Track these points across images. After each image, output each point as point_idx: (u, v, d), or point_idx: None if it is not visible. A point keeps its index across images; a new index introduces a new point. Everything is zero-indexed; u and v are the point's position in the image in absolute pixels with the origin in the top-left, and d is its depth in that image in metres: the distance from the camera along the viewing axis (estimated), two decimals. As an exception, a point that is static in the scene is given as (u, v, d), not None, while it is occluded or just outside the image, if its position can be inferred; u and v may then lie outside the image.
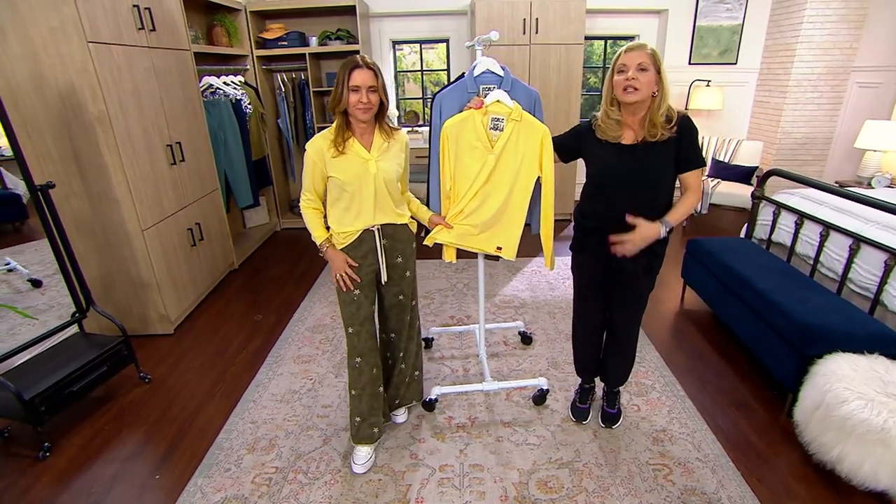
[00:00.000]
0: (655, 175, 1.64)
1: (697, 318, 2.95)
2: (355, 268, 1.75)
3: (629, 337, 1.92)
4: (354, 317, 1.79)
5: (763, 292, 2.29)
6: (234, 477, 1.87)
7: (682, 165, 1.65)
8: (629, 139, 1.64)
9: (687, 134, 1.60)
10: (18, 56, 2.31)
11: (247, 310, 3.22)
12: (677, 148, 1.61)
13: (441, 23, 4.82)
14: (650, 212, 1.64)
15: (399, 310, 1.93)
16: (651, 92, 1.56)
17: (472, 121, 1.82)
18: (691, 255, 3.00)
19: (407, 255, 1.86)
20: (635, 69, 1.54)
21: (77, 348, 2.31)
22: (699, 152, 1.66)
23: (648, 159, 1.61)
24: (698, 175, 1.67)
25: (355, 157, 1.66)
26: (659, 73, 1.55)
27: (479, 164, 1.85)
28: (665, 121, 1.58)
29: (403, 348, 2.01)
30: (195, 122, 3.27)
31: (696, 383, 2.34)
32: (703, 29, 4.61)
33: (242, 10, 4.10)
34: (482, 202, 1.88)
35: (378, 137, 1.70)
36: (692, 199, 1.68)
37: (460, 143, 1.85)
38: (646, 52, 1.54)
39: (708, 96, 4.53)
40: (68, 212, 2.60)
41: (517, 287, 3.42)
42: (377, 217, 1.73)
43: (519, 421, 2.11)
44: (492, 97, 1.78)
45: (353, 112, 1.60)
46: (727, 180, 4.33)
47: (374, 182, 1.67)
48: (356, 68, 1.56)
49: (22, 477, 1.93)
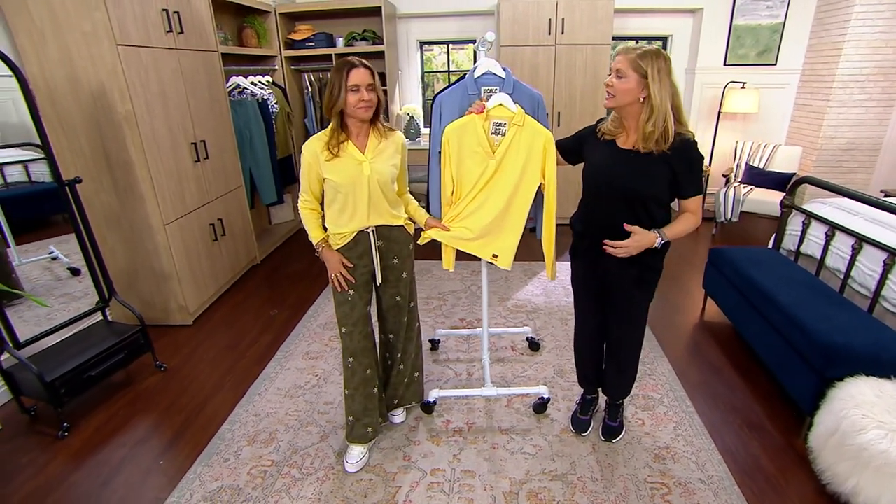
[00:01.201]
0: (646, 185, 1.55)
1: (717, 332, 2.82)
2: (350, 268, 1.76)
3: (627, 349, 1.85)
4: (348, 317, 1.80)
5: (784, 306, 2.16)
6: (232, 467, 1.92)
7: (678, 191, 1.58)
8: (626, 143, 1.58)
9: (684, 159, 1.50)
10: (56, 59, 2.45)
11: (263, 304, 3.30)
12: (672, 171, 1.52)
13: (468, 23, 4.80)
14: (644, 224, 1.58)
15: (396, 311, 1.94)
16: (631, 99, 1.48)
17: (474, 125, 1.80)
18: (713, 264, 2.87)
19: (403, 256, 1.86)
20: (613, 74, 1.49)
21: (99, 335, 2.43)
22: (697, 180, 1.56)
23: (640, 167, 1.54)
24: (697, 201, 1.59)
25: (349, 158, 1.66)
26: (646, 80, 1.44)
27: (480, 169, 1.83)
28: (659, 135, 1.47)
29: (402, 349, 2.01)
30: (221, 121, 3.38)
31: (707, 399, 2.24)
32: (740, 28, 4.40)
33: (272, 11, 4.21)
34: (479, 207, 1.86)
35: (373, 138, 1.71)
36: (692, 220, 1.60)
37: (462, 147, 1.83)
38: (626, 58, 1.46)
39: (743, 99, 4.32)
40: (98, 206, 2.75)
41: (532, 291, 3.37)
42: (371, 218, 1.74)
43: (517, 429, 2.07)
44: (494, 101, 1.75)
45: (354, 112, 1.61)
46: (761, 187, 4.12)
47: (368, 183, 1.67)
48: (353, 68, 1.57)
49: (42, 454, 2.05)
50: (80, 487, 1.86)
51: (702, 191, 1.58)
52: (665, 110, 1.44)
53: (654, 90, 1.44)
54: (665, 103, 1.44)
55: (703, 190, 1.58)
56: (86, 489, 1.85)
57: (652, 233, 1.56)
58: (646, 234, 1.55)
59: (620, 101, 1.50)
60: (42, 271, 2.97)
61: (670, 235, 1.58)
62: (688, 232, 1.61)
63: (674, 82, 1.47)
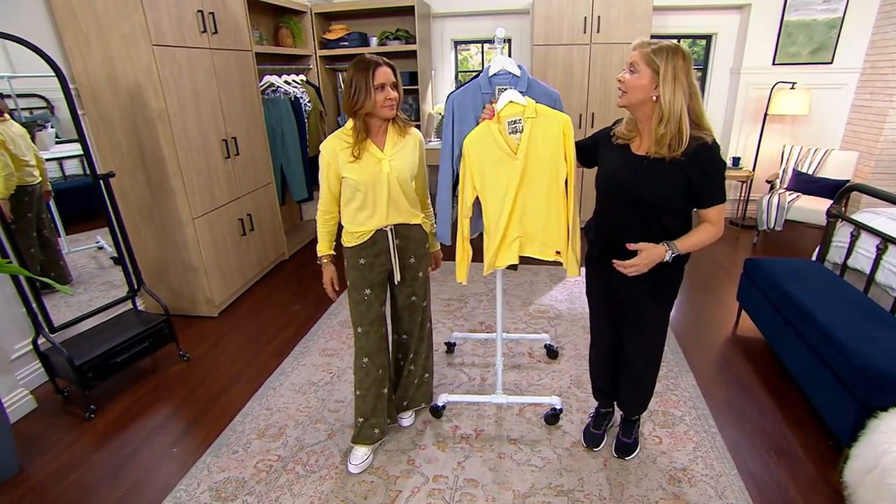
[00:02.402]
0: (659, 194, 1.45)
1: (749, 348, 2.65)
2: (365, 266, 1.76)
3: (641, 364, 1.75)
4: (364, 317, 1.79)
5: (823, 326, 1.99)
6: (240, 460, 1.95)
7: (695, 200, 1.46)
8: (640, 148, 1.49)
9: (701, 166, 1.38)
10: (99, 60, 2.58)
11: (288, 299, 3.37)
12: (688, 178, 1.40)
13: (503, 22, 4.72)
14: (657, 234, 1.49)
15: (411, 311, 1.92)
16: (644, 97, 1.39)
17: (489, 132, 1.73)
18: (748, 275, 2.70)
19: (420, 255, 1.85)
20: (627, 68, 1.40)
21: (127, 323, 2.54)
22: (717, 188, 1.44)
23: (653, 175, 1.43)
24: (717, 211, 1.46)
25: (370, 157, 1.64)
26: (658, 76, 1.34)
27: (508, 175, 1.74)
28: (671, 139, 1.36)
29: (414, 349, 1.99)
30: (253, 119, 3.47)
31: (733, 420, 2.10)
32: (792, 24, 4.13)
33: (308, 11, 4.29)
34: (524, 210, 1.77)
35: (392, 135, 1.69)
36: (710, 231, 1.48)
37: (483, 158, 1.75)
38: (642, 52, 1.37)
39: (792, 100, 4.04)
40: (133, 199, 2.87)
41: (556, 297, 3.28)
42: (391, 217, 1.72)
43: (526, 439, 2.01)
44: (503, 101, 1.69)
45: (380, 111, 1.59)
46: (809, 194, 3.85)
47: (388, 182, 1.66)
48: (378, 67, 1.54)
49: (69, 433, 2.16)
50: (98, 469, 1.94)
51: (722, 200, 1.45)
52: (678, 112, 1.34)
53: (666, 90, 1.34)
54: (678, 105, 1.33)
55: (723, 199, 1.46)
56: (103, 471, 1.93)
57: (661, 246, 1.45)
58: (654, 249, 1.45)
59: (632, 98, 1.41)
60: (88, 260, 3.13)
61: (683, 248, 1.47)
62: (705, 244, 1.49)
63: (692, 82, 1.36)
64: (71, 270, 2.83)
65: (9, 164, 2.23)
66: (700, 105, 1.40)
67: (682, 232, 1.51)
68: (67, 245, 2.85)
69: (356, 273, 1.77)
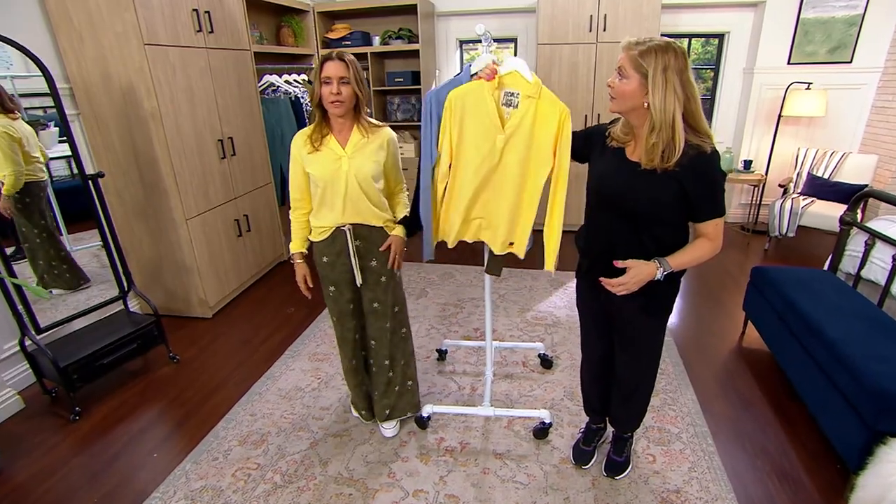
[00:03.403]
0: (650, 205, 1.34)
1: (755, 361, 2.53)
2: (327, 264, 1.80)
3: (633, 379, 1.66)
4: (332, 310, 1.88)
5: (832, 342, 1.88)
6: (219, 467, 1.91)
7: (691, 213, 1.36)
8: (635, 153, 1.38)
9: (697, 176, 1.28)
10: (92, 59, 2.56)
11: (283, 301, 3.33)
12: (683, 190, 1.30)
13: (509, 21, 4.65)
14: (649, 247, 1.39)
15: (374, 318, 1.88)
16: (634, 104, 1.28)
17: (481, 92, 1.59)
18: (754, 284, 2.58)
19: (383, 259, 1.80)
20: (616, 72, 1.30)
21: (117, 324, 2.52)
22: (716, 202, 1.33)
23: (647, 183, 1.33)
24: (715, 225, 1.36)
25: (329, 153, 1.65)
26: (647, 81, 1.22)
27: (488, 145, 1.62)
28: (665, 149, 1.24)
29: (388, 356, 1.94)
30: (250, 119, 3.44)
31: (733, 439, 2.00)
32: (809, 22, 3.96)
33: (310, 10, 4.25)
34: (491, 195, 1.67)
35: (356, 134, 1.67)
36: (707, 247, 1.37)
37: (466, 116, 1.62)
38: (628, 54, 1.25)
39: (807, 101, 3.88)
40: (128, 199, 2.86)
41: (555, 303, 3.19)
42: (347, 216, 1.71)
43: (513, 454, 1.93)
44: (508, 66, 1.56)
45: (327, 106, 1.61)
46: (824, 199, 3.69)
47: (346, 180, 1.65)
48: (327, 60, 1.57)
49: (53, 435, 2.14)
50: (76, 473, 1.92)
51: (721, 213, 1.35)
52: (670, 120, 1.22)
53: (656, 97, 1.22)
54: (670, 112, 1.22)
55: (722, 212, 1.35)
56: (81, 476, 1.90)
57: (652, 263, 1.35)
58: (644, 267, 1.35)
59: (622, 105, 1.32)
60: (91, 258, 3.11)
61: (676, 265, 1.37)
62: (701, 261, 1.39)
63: (689, 82, 1.24)
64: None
65: (20, 162, 2.27)
66: (698, 108, 1.29)
67: (678, 246, 1.41)
68: (70, 243, 2.85)
69: (321, 270, 1.83)
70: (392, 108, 4.79)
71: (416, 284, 3.52)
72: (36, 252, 2.51)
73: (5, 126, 2.19)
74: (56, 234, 2.55)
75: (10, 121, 2.22)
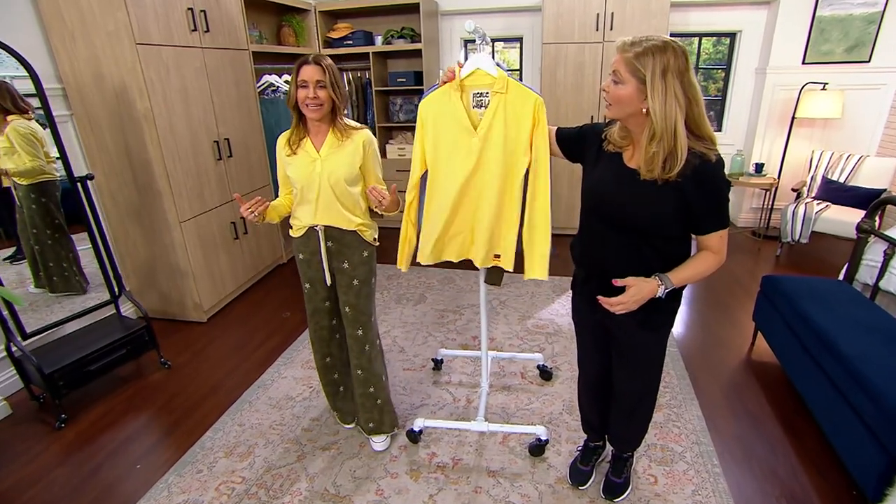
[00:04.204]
0: (649, 216, 1.25)
1: (764, 374, 2.42)
2: (304, 261, 1.82)
3: (633, 398, 1.57)
4: (308, 306, 1.91)
5: (847, 357, 1.77)
6: (203, 480, 1.85)
7: (693, 225, 1.27)
8: (633, 160, 1.29)
9: (700, 186, 1.18)
10: (84, 58, 2.52)
11: (280, 305, 3.28)
12: (685, 201, 1.20)
13: (515, 20, 4.56)
14: (649, 261, 1.29)
15: (346, 322, 1.85)
16: (632, 110, 1.19)
17: (447, 98, 1.53)
18: (765, 294, 2.47)
19: (355, 262, 1.77)
20: (610, 76, 1.21)
21: (107, 329, 2.47)
22: (720, 213, 1.24)
23: (646, 195, 1.23)
24: (718, 238, 1.26)
25: (305, 155, 1.67)
26: (645, 86, 1.12)
27: (464, 151, 1.55)
28: (667, 158, 1.15)
29: (365, 367, 1.88)
30: (248, 120, 3.39)
31: (740, 459, 1.89)
32: (825, 20, 3.82)
33: (312, 10, 4.20)
34: (477, 203, 1.59)
35: (331, 137, 1.66)
36: (710, 260, 1.27)
37: (440, 128, 1.56)
38: (623, 56, 1.15)
39: (822, 102, 3.74)
40: (122, 201, 2.82)
41: (557, 310, 3.09)
42: (319, 217, 1.71)
43: (507, 472, 1.85)
44: (469, 66, 1.49)
45: (303, 109, 1.60)
46: (839, 204, 3.55)
47: (319, 182, 1.66)
48: (304, 64, 1.57)
49: (38, 443, 2.10)
50: (57, 485, 1.86)
51: (725, 225, 1.26)
52: (672, 127, 1.12)
53: (655, 102, 1.12)
54: (671, 119, 1.12)
55: (726, 223, 1.26)
56: (62, 488, 1.85)
57: (653, 280, 1.25)
58: (644, 285, 1.25)
59: (618, 111, 1.22)
60: (91, 258, 3.09)
61: (678, 282, 1.27)
62: (705, 275, 1.29)
63: (691, 84, 1.14)
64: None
65: (43, 161, 2.32)
66: (701, 111, 1.18)
67: (681, 258, 1.31)
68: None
69: (299, 266, 1.86)
70: (394, 109, 4.72)
71: (414, 289, 3.44)
72: (46, 254, 2.49)
73: (26, 126, 2.26)
74: (68, 235, 2.53)
75: (27, 121, 2.27)
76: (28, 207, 2.37)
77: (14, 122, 2.24)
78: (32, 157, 2.28)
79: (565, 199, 4.16)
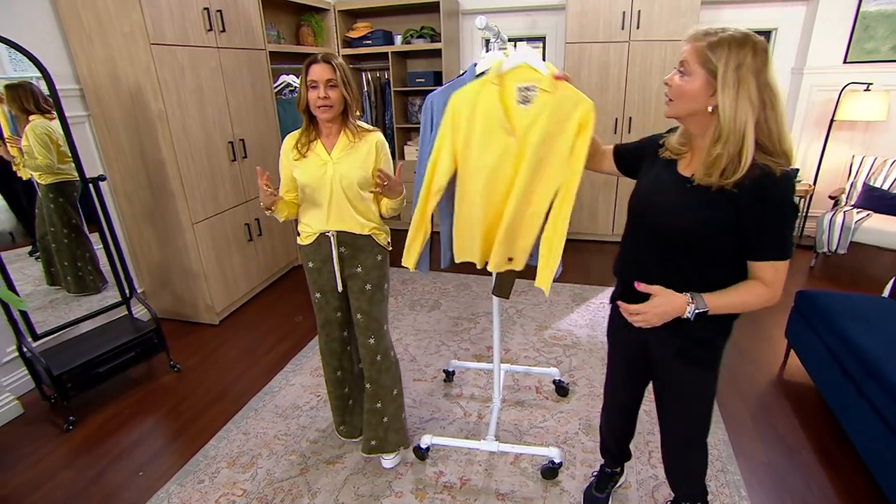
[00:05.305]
0: (701, 225, 1.09)
1: (798, 396, 2.26)
2: (314, 270, 1.75)
3: (680, 435, 1.40)
4: (318, 317, 1.84)
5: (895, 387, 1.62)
6: (203, 491, 1.81)
7: (748, 248, 1.09)
8: (689, 167, 1.15)
9: (760, 202, 1.02)
10: (101, 59, 2.52)
11: (293, 308, 3.24)
12: (739, 215, 1.05)
13: (537, 19, 4.44)
14: (692, 281, 1.13)
15: (359, 331, 1.77)
16: (696, 107, 1.05)
17: (489, 95, 1.38)
18: (799, 310, 2.30)
19: (368, 266, 1.69)
20: (677, 68, 1.08)
21: (118, 331, 2.46)
22: (782, 238, 1.06)
23: (697, 200, 1.09)
24: (776, 269, 1.08)
25: (316, 158, 1.60)
26: (716, 80, 1.00)
27: (498, 151, 1.40)
28: (727, 164, 1.02)
29: (374, 380, 1.79)
30: (265, 120, 3.36)
31: (770, 490, 1.75)
32: (869, 16, 3.59)
33: (331, 9, 4.16)
34: (498, 203, 1.47)
35: (343, 139, 1.59)
36: (761, 292, 1.09)
37: (470, 121, 1.42)
38: (695, 46, 1.03)
39: (867, 104, 3.51)
40: (136, 202, 2.82)
41: (576, 321, 2.97)
42: (331, 222, 1.65)
43: (516, 495, 1.75)
44: (514, 60, 1.34)
45: (314, 111, 1.53)
46: (883, 213, 3.33)
47: (331, 186, 1.59)
48: (312, 64, 1.50)
49: (45, 445, 2.09)
50: (60, 490, 1.85)
51: (786, 255, 1.07)
52: (741, 129, 1.00)
53: (726, 99, 1.00)
54: (742, 120, 0.99)
55: (787, 254, 1.07)
56: (64, 493, 1.83)
57: (683, 296, 1.11)
58: (670, 297, 1.11)
59: (680, 108, 1.08)
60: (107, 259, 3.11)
61: (713, 307, 1.10)
62: (750, 308, 1.11)
63: (768, 86, 1.00)
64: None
65: (55, 160, 2.33)
66: (780, 118, 1.02)
67: (723, 285, 1.13)
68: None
69: (308, 275, 1.78)
70: (413, 110, 4.65)
71: (429, 295, 3.36)
72: (62, 253, 2.50)
73: (42, 126, 2.28)
74: (86, 234, 2.54)
75: (47, 121, 2.29)
76: (47, 206, 2.40)
77: (34, 122, 2.26)
78: (44, 156, 2.29)
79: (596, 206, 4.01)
